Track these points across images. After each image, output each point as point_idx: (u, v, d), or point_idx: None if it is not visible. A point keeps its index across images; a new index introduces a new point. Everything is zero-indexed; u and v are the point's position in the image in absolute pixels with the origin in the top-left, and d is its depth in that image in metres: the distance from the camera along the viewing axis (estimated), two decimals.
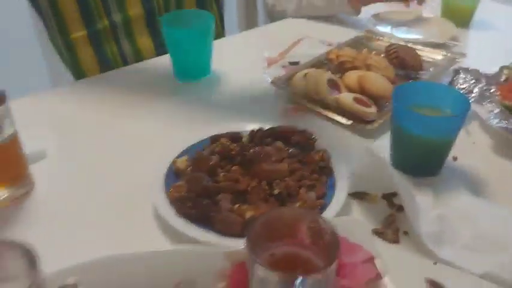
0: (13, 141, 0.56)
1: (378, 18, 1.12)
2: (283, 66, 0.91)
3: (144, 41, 1.03)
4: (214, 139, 0.65)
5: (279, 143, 0.65)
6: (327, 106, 0.77)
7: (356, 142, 0.72)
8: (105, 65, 0.99)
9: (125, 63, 1.01)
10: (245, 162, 0.60)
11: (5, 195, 0.58)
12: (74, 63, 1.04)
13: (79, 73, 1.01)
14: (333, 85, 0.79)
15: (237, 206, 0.55)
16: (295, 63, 0.92)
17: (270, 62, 0.93)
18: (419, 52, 0.93)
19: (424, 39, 1.02)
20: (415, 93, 0.64)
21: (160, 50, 1.00)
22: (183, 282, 0.46)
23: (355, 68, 0.86)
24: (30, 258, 0.35)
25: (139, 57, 1.01)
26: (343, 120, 0.74)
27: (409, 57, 0.90)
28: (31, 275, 0.34)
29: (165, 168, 0.61)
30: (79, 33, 1.02)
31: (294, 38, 1.02)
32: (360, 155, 0.66)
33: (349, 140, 0.72)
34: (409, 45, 0.94)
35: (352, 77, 0.82)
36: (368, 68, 0.85)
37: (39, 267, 0.34)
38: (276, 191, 0.56)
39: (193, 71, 0.86)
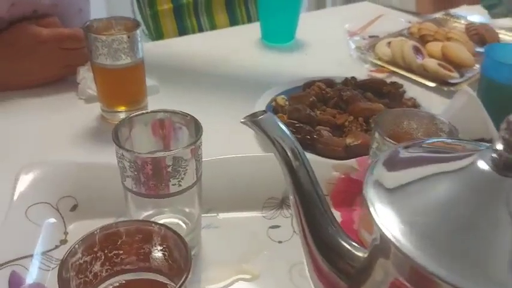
0: (141, 66, 0.62)
1: None
2: (364, 39, 0.96)
3: (221, 18, 1.19)
4: (309, 84, 0.70)
5: (369, 94, 0.68)
6: (410, 70, 0.81)
7: (440, 104, 0.74)
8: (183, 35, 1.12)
9: None
10: (341, 102, 0.64)
11: (124, 116, 0.64)
12: (157, 33, 1.17)
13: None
14: (417, 51, 0.82)
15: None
16: (375, 37, 0.96)
17: (351, 35, 0.97)
18: (497, 31, 0.95)
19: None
20: (505, 53, 0.66)
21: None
22: None
23: (436, 41, 0.89)
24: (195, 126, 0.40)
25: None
26: (428, 83, 0.77)
27: (488, 34, 0.92)
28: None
29: (265, 104, 0.66)
30: (165, 6, 1.16)
31: (372, 17, 1.07)
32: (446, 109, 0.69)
33: (432, 101, 0.75)
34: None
35: (435, 46, 0.85)
36: (449, 41, 0.88)
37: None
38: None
39: (280, 33, 0.92)
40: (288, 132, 0.33)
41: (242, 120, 0.33)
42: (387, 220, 0.24)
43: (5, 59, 0.69)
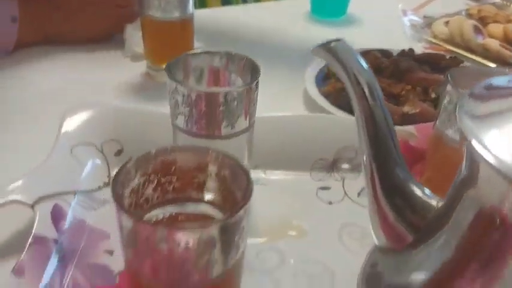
0: (190, 22, 0.61)
1: None
2: (419, 18, 0.91)
3: None
4: (364, 53, 0.66)
5: (426, 67, 0.65)
6: (469, 50, 0.76)
7: None
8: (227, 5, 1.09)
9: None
10: (398, 72, 0.61)
11: None
12: (200, 1, 1.16)
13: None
14: (477, 31, 0.78)
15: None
16: (430, 17, 0.91)
17: (405, 13, 0.93)
18: None
19: None
20: None
21: None
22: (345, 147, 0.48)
23: (496, 23, 0.84)
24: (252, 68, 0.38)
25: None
26: (488, 63, 0.73)
27: None
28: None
29: (316, 70, 0.63)
30: None
31: None
32: None
33: None
34: None
35: (496, 27, 0.80)
36: (510, 23, 0.83)
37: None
38: (433, 95, 0.56)
39: (331, 7, 0.88)
40: (365, 65, 0.30)
41: (313, 49, 0.31)
42: (486, 146, 0.21)
43: (59, 14, 0.69)
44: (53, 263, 0.34)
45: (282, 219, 0.42)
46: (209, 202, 0.29)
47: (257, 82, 0.37)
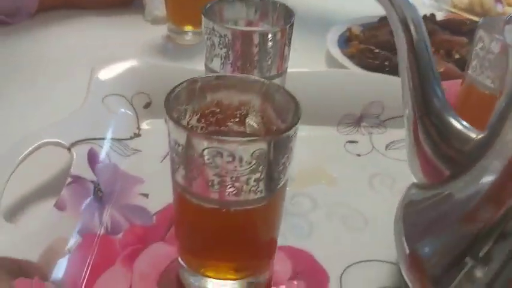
0: None
1: None
2: None
3: None
4: (385, 17, 0.66)
5: (447, 32, 0.64)
6: None
7: None
8: None
9: None
10: None
11: (190, 37, 0.63)
12: None
13: None
14: (497, 0, 0.78)
15: None
16: None
17: None
18: None
19: None
20: None
21: None
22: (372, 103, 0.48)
23: None
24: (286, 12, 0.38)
25: None
26: None
27: None
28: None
29: (338, 34, 0.63)
30: None
31: None
32: None
33: None
34: None
35: None
36: None
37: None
38: (457, 56, 0.56)
39: None
40: (412, 3, 0.30)
41: None
42: None
43: None
44: (91, 201, 0.35)
45: (312, 168, 0.42)
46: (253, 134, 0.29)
47: (291, 24, 0.37)
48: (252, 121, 0.29)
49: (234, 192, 0.24)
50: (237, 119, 0.29)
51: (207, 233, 0.28)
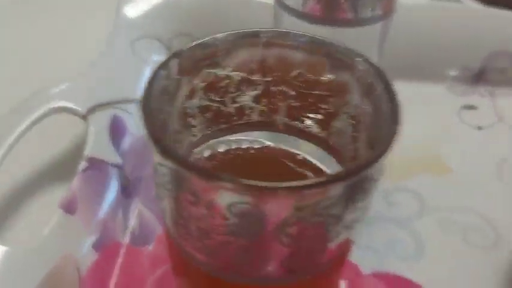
0: None
1: None
2: None
3: None
4: None
5: None
6: None
7: None
8: None
9: None
10: None
11: None
12: None
13: None
14: None
15: None
16: None
17: None
18: None
19: None
20: None
21: None
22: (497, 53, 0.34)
23: None
24: None
25: None
26: None
27: None
28: None
29: None
30: None
31: None
32: None
33: None
34: None
35: None
36: None
37: None
38: None
39: None
40: None
41: None
42: None
43: None
44: (112, 193, 0.26)
45: (415, 149, 0.30)
46: (308, 134, 0.17)
47: None
48: (309, 110, 0.17)
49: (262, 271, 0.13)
50: (280, 105, 0.17)
51: None
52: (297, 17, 0.24)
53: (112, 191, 0.25)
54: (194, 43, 0.15)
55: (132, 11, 0.34)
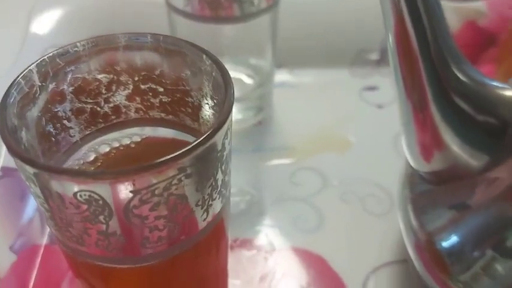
0: None
1: None
2: None
3: None
4: None
5: None
6: None
7: None
8: None
9: None
10: None
11: None
12: None
13: None
14: None
15: None
16: None
17: None
18: None
19: None
20: None
21: None
22: None
23: None
24: None
25: None
26: None
27: None
28: None
29: None
30: None
31: None
32: None
33: None
34: None
35: None
36: None
37: None
38: None
39: None
40: None
41: None
42: None
43: None
44: (29, 198, 0.27)
45: (319, 129, 0.33)
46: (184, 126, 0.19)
47: None
48: (162, 100, 0.19)
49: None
50: (145, 103, 0.19)
51: None
52: (183, 17, 0.26)
53: (29, 196, 0.26)
54: (55, 51, 0.17)
55: (39, 25, 0.35)
